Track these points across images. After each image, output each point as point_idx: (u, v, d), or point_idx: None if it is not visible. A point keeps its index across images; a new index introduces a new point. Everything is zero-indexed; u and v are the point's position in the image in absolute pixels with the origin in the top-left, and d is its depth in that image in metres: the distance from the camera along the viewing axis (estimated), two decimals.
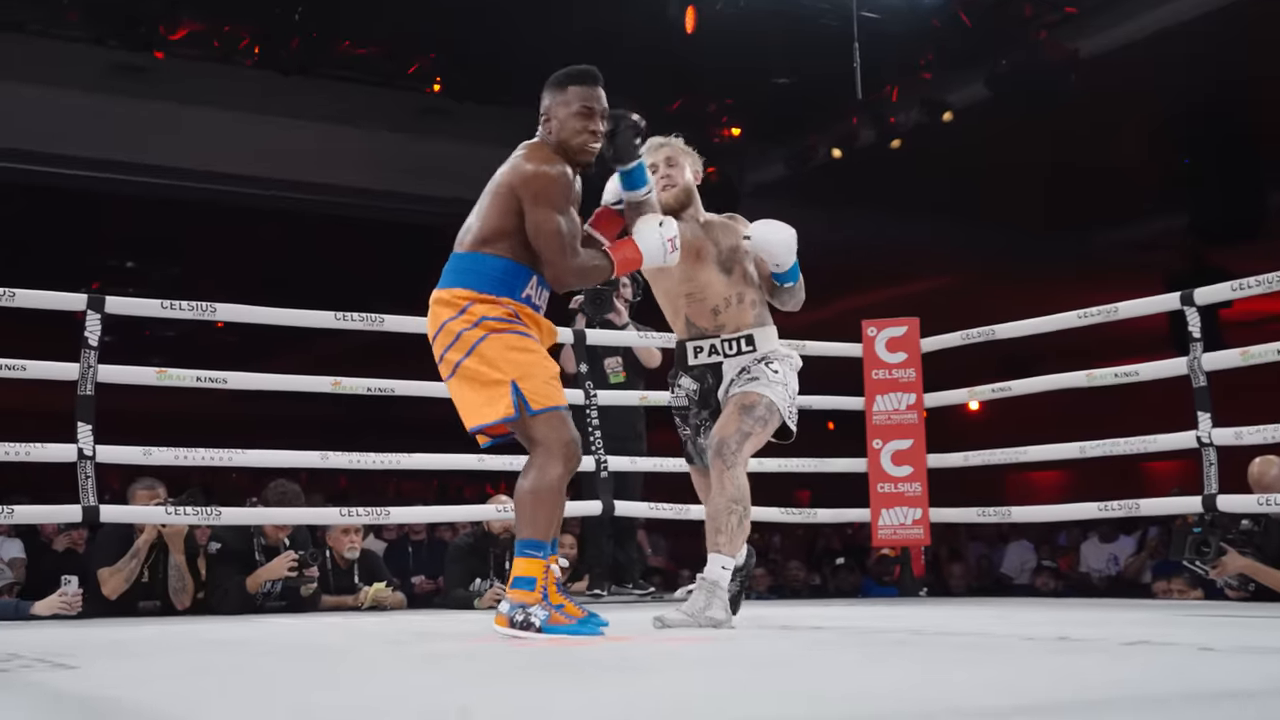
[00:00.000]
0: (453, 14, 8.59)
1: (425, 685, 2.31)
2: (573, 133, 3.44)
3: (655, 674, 2.41)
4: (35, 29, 8.33)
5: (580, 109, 3.45)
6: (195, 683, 2.40)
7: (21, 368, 5.18)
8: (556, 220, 3.30)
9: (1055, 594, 8.22)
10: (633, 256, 3.42)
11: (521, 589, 3.22)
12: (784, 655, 2.84)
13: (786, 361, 3.95)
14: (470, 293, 3.33)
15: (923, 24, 8.70)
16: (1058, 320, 5.95)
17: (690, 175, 4.04)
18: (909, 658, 2.69)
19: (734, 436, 3.82)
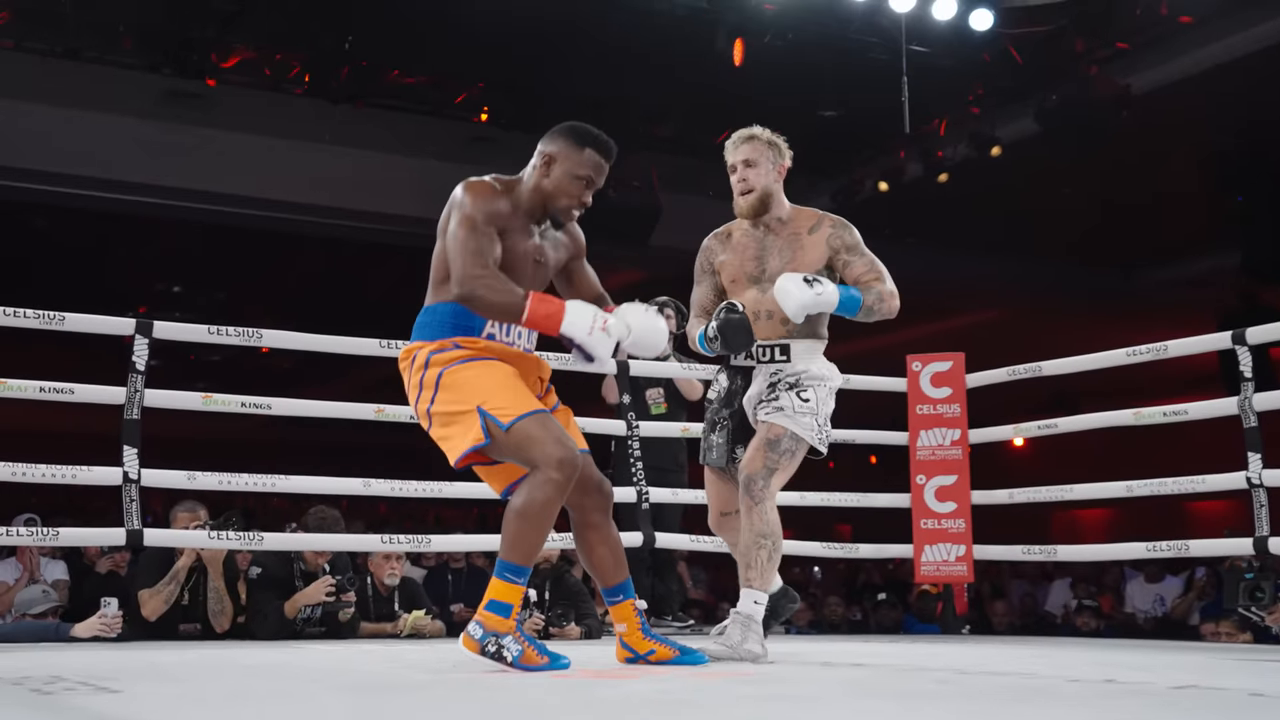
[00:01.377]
0: (500, 45, 8.67)
1: (465, 715, 2.31)
2: (564, 194, 3.36)
3: (696, 710, 2.40)
4: (91, 56, 8.49)
5: (585, 176, 3.37)
6: (236, 708, 2.41)
7: (69, 391, 5.23)
8: (465, 231, 3.22)
9: (1097, 634, 8.11)
10: (551, 313, 3.19)
11: (495, 614, 3.15)
12: (824, 694, 2.81)
13: (822, 385, 3.88)
14: (420, 344, 3.33)
15: (973, 58, 8.70)
16: (1106, 358, 5.89)
17: (772, 174, 3.94)
18: (950, 700, 2.66)
19: (761, 473, 3.81)
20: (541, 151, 3.40)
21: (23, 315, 5.10)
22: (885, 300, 3.87)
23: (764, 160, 3.92)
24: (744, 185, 3.94)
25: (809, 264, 3.89)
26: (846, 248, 3.90)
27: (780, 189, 3.98)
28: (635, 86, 9.16)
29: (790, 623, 7.83)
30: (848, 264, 3.90)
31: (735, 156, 3.96)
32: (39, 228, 10.93)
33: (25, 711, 2.36)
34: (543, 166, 3.37)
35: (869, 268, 3.90)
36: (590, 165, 3.38)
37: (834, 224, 3.94)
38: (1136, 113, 8.62)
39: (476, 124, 9.83)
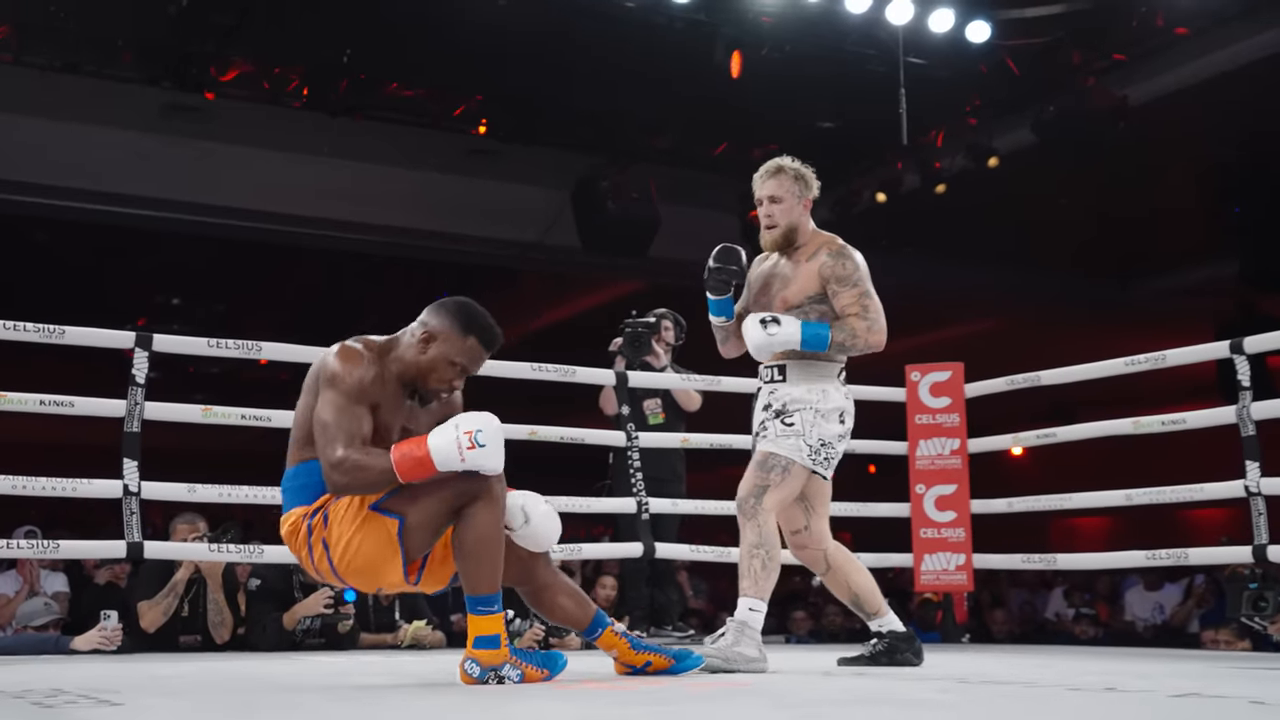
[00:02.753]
0: (499, 57, 8.69)
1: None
2: (436, 375, 3.20)
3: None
4: (90, 70, 8.48)
5: (462, 364, 3.22)
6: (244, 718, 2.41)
7: (70, 404, 5.23)
8: (326, 410, 3.07)
9: (1095, 642, 8.11)
10: (417, 455, 3.00)
11: (485, 649, 3.08)
12: (826, 704, 2.81)
13: (808, 409, 3.89)
14: (301, 509, 3.19)
15: (970, 69, 8.71)
16: (1105, 367, 5.91)
17: (797, 209, 3.96)
18: (952, 709, 2.66)
19: (751, 493, 3.89)
20: (424, 323, 3.23)
21: (23, 328, 5.11)
22: (860, 336, 3.88)
23: (789, 196, 3.96)
24: (769, 221, 3.99)
25: (798, 291, 3.94)
26: (836, 279, 3.92)
27: (806, 220, 4.01)
28: (633, 98, 9.17)
29: (790, 632, 7.84)
30: (835, 294, 3.93)
31: (762, 191, 4.00)
32: (39, 241, 10.92)
33: None
34: (422, 341, 3.20)
35: (853, 301, 3.91)
36: (469, 354, 3.22)
37: (830, 253, 3.95)
38: (1133, 124, 8.62)
39: (475, 136, 9.83)
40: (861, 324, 3.88)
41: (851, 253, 3.96)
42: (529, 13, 8.03)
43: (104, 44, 8.42)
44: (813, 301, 3.92)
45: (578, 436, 6.08)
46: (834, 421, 3.93)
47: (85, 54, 8.41)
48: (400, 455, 3.01)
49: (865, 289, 3.92)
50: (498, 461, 3.02)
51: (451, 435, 2.99)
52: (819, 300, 3.93)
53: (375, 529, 3.08)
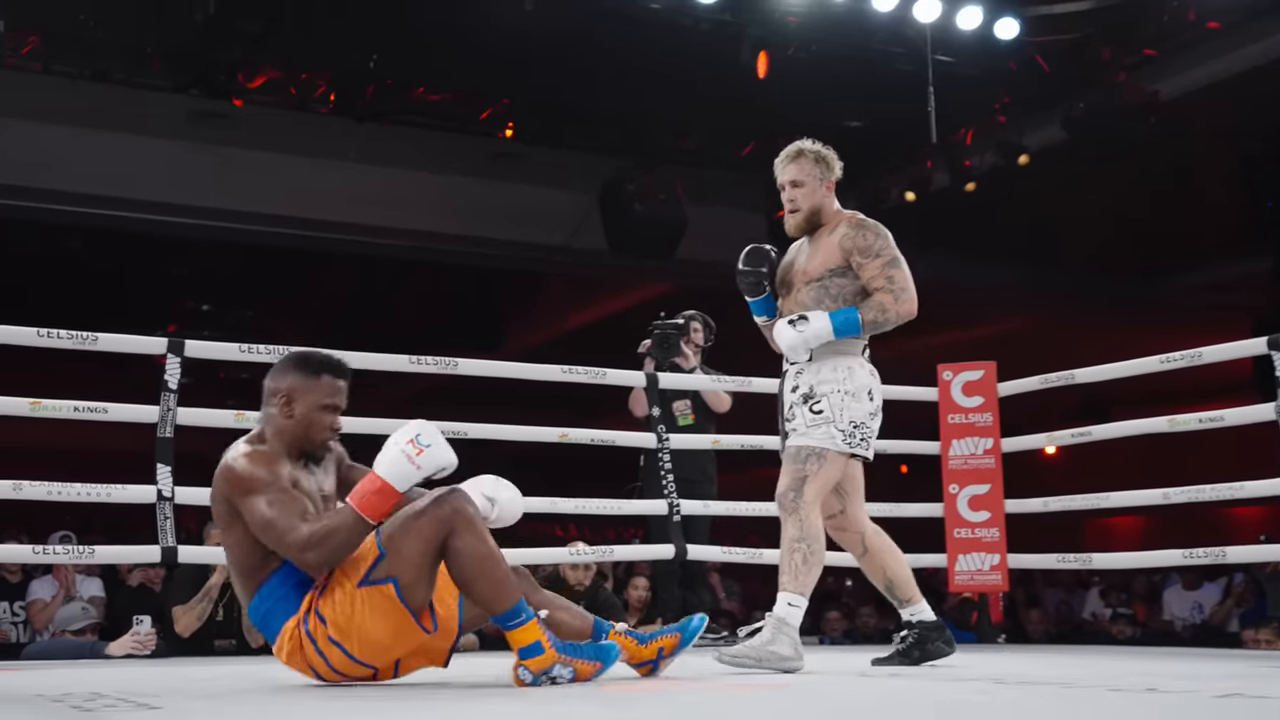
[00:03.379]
0: (525, 61, 8.71)
1: None
2: (317, 426, 3.21)
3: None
4: (119, 78, 8.55)
5: (329, 403, 3.22)
6: None
7: (103, 410, 5.26)
8: (263, 510, 3.03)
9: (1132, 642, 8.05)
10: (374, 488, 2.98)
11: (532, 657, 3.06)
12: (862, 706, 2.80)
13: (835, 392, 3.85)
14: (290, 621, 3.13)
15: (999, 67, 8.68)
16: (1139, 365, 5.86)
17: (820, 192, 3.94)
18: (990, 711, 2.64)
19: (790, 488, 3.86)
20: (274, 389, 3.22)
21: (56, 335, 5.14)
22: (889, 310, 3.83)
23: (810, 179, 3.94)
24: (792, 205, 3.98)
25: (819, 265, 3.91)
26: (859, 250, 3.87)
27: (830, 202, 4.00)
28: (659, 100, 9.17)
29: (824, 633, 7.81)
30: (860, 265, 3.87)
31: (783, 176, 3.99)
32: (70, 249, 11.01)
33: None
34: (283, 406, 3.20)
35: (878, 273, 3.86)
36: (330, 391, 3.22)
37: (851, 225, 3.91)
38: (1164, 119, 8.57)
39: (501, 139, 9.85)
40: (888, 297, 3.83)
41: (873, 224, 3.93)
42: (554, 16, 8.05)
43: (132, 52, 8.49)
44: (833, 274, 3.89)
45: (608, 438, 6.08)
46: (863, 400, 3.89)
47: (114, 62, 8.48)
48: (358, 498, 2.99)
49: (889, 258, 3.87)
50: (449, 454, 3.01)
51: (395, 452, 2.97)
52: (840, 273, 3.89)
53: (375, 601, 3.05)
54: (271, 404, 3.21)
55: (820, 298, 3.90)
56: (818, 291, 3.91)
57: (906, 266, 3.90)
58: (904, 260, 3.90)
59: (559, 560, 6.04)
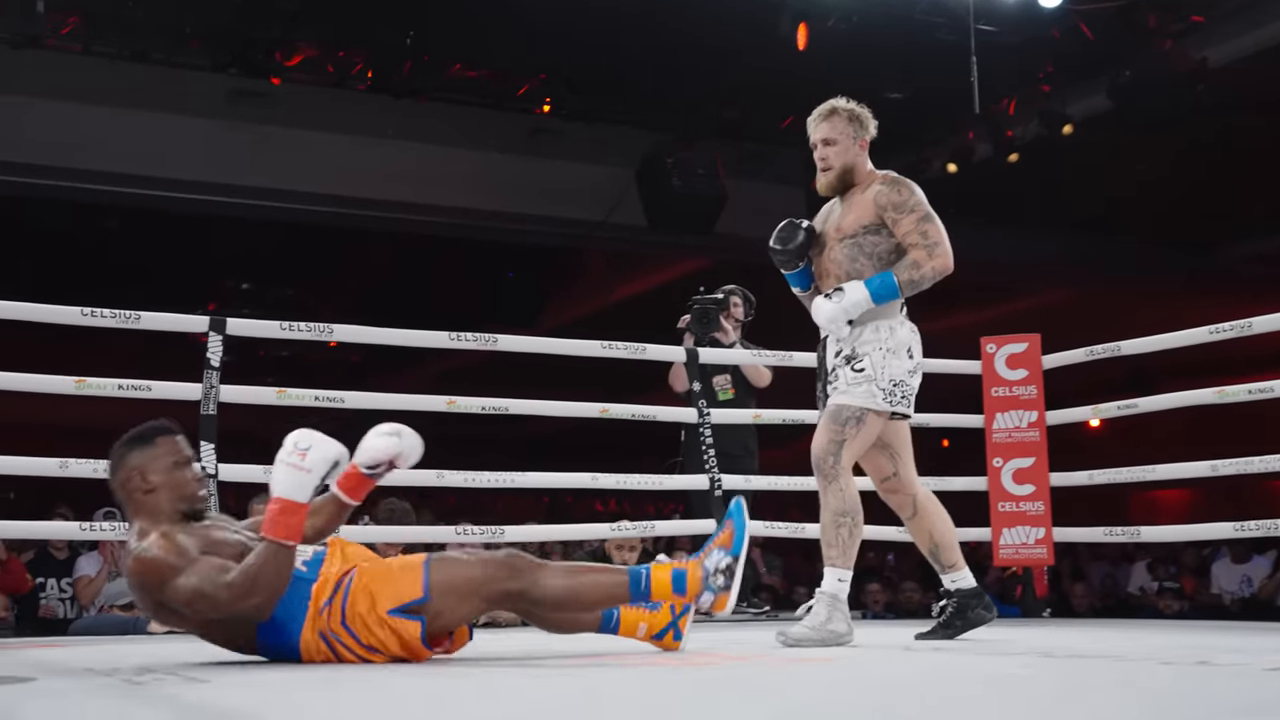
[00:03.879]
0: (562, 36, 8.68)
1: (551, 704, 2.32)
2: (178, 485, 3.17)
3: (780, 696, 2.40)
4: (159, 58, 8.61)
5: (178, 459, 3.20)
6: (321, 696, 2.44)
7: (147, 388, 5.31)
8: (186, 587, 2.97)
9: (1180, 615, 8.00)
10: (277, 508, 2.95)
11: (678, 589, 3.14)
12: (910, 679, 2.80)
13: (876, 349, 3.82)
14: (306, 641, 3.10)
15: (1042, 35, 8.57)
16: (1188, 336, 5.79)
17: (852, 150, 3.91)
18: (1038, 684, 2.63)
19: (828, 449, 3.82)
20: (124, 479, 3.18)
21: (100, 315, 5.19)
22: (924, 267, 3.79)
23: (843, 137, 3.91)
24: (823, 164, 3.96)
25: (853, 221, 3.88)
26: (893, 205, 3.84)
27: (864, 160, 3.96)
28: (698, 74, 9.13)
29: (865, 607, 7.81)
30: (895, 221, 3.84)
31: (815, 134, 3.96)
32: (109, 228, 11.11)
33: (124, 702, 2.41)
34: (142, 486, 3.15)
35: (912, 228, 3.82)
36: (173, 448, 3.21)
37: (884, 181, 3.89)
38: (1213, 86, 8.45)
39: (539, 115, 9.86)
40: (922, 254, 3.79)
41: (906, 181, 3.90)
42: None
43: (171, 31, 8.55)
44: (867, 231, 3.85)
45: (649, 413, 6.08)
46: (903, 357, 3.86)
47: (152, 42, 8.54)
48: (268, 526, 2.95)
49: (923, 213, 3.83)
50: (332, 446, 2.99)
51: (282, 467, 2.94)
52: (874, 230, 3.85)
53: (398, 626, 3.06)
54: (130, 493, 3.17)
55: (855, 255, 3.87)
56: (851, 249, 3.87)
57: (940, 222, 3.86)
58: (937, 216, 3.87)
59: (601, 535, 6.06)
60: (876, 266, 3.85)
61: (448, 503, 12.73)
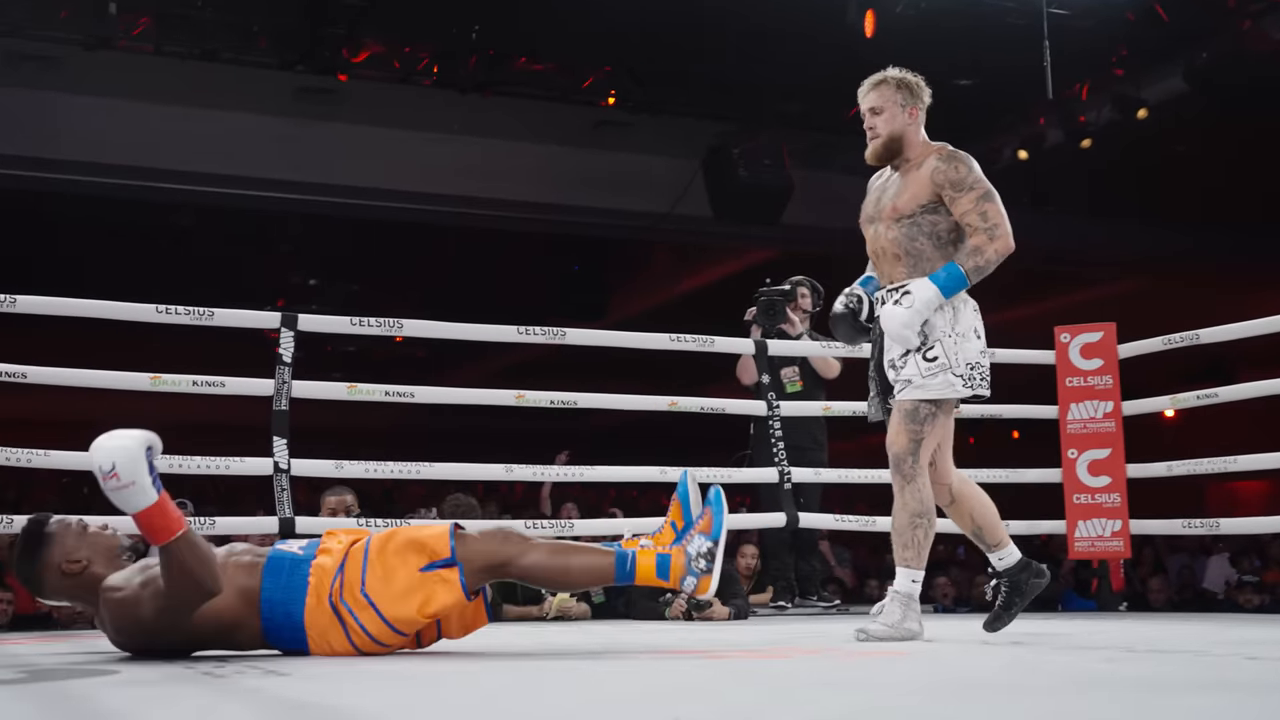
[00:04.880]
0: (626, 28, 8.68)
1: (625, 696, 2.33)
2: (100, 540, 3.22)
3: (864, 690, 2.39)
4: (228, 57, 8.73)
5: (78, 526, 3.22)
6: (399, 689, 2.47)
7: (220, 384, 5.39)
8: (150, 612, 3.05)
9: (1260, 610, 7.85)
10: (142, 521, 2.91)
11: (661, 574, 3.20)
12: (989, 676, 2.78)
13: (946, 336, 3.73)
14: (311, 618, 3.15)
15: (1115, 17, 8.44)
16: (1268, 324, 5.68)
17: (901, 118, 3.84)
18: (1121, 684, 2.60)
19: (907, 449, 3.77)
20: (57, 582, 3.18)
21: (174, 311, 5.27)
22: (985, 251, 3.70)
23: (891, 105, 3.84)
24: (871, 133, 3.88)
25: (910, 200, 3.79)
26: (951, 183, 3.74)
27: (914, 131, 3.87)
28: (763, 63, 9.09)
29: (935, 600, 7.75)
30: (953, 200, 3.75)
31: (864, 104, 3.91)
32: (180, 225, 11.29)
33: (209, 693, 2.45)
34: (75, 570, 3.16)
35: (971, 208, 3.73)
36: (64, 524, 3.22)
37: (941, 157, 3.79)
38: None
39: (604, 108, 9.87)
40: (982, 238, 3.70)
41: (964, 156, 3.80)
42: None
43: (240, 30, 8.67)
44: (924, 211, 3.77)
45: (718, 407, 6.08)
46: (971, 339, 3.78)
47: (222, 41, 8.66)
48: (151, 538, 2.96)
49: (982, 190, 3.74)
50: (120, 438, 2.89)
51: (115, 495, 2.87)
52: (932, 209, 3.77)
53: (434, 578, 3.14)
54: (72, 584, 3.18)
55: (914, 234, 3.78)
56: (910, 228, 3.79)
57: (999, 199, 3.77)
58: (996, 193, 3.78)
59: None
60: (936, 246, 3.77)
61: (515, 496, 12.82)
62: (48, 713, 2.22)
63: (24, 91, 8.81)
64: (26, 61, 8.57)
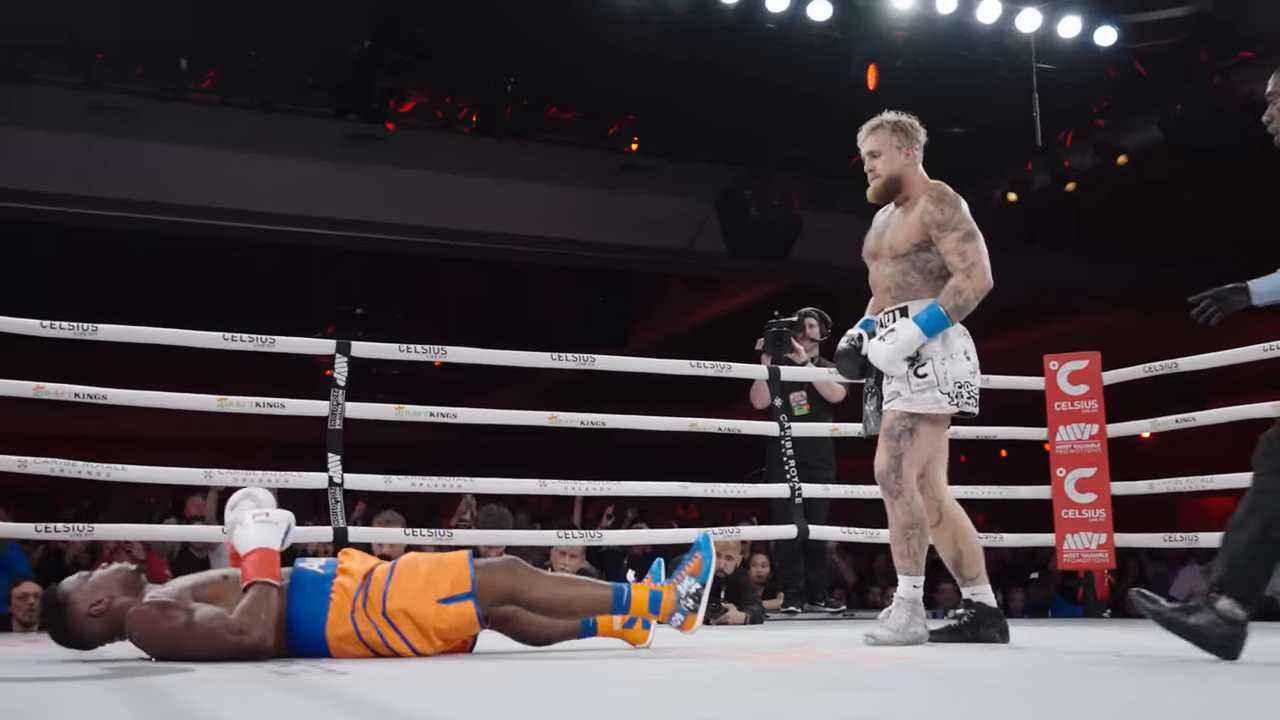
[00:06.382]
0: (649, 80, 8.76)
1: (668, 701, 2.33)
2: (115, 578, 3.21)
3: (874, 692, 2.38)
4: (286, 108, 8.83)
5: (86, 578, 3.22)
6: (462, 691, 2.47)
7: (280, 405, 5.41)
8: (184, 628, 3.04)
9: None
10: (257, 556, 3.06)
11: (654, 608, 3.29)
12: (998, 677, 2.76)
13: (936, 357, 3.70)
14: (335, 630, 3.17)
15: (1097, 72, 8.47)
16: (1243, 353, 5.68)
17: (899, 159, 3.82)
18: (1119, 680, 2.59)
19: (890, 468, 3.74)
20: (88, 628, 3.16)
21: (239, 339, 5.30)
22: (964, 292, 3.67)
23: (888, 148, 3.83)
24: (872, 174, 3.88)
25: (904, 240, 3.78)
26: (937, 224, 3.73)
27: (912, 170, 3.85)
28: (774, 112, 9.14)
29: (938, 605, 7.72)
30: (939, 239, 3.73)
31: (863, 147, 3.91)
32: (236, 259, 11.37)
33: (277, 692, 2.45)
34: (102, 611, 3.14)
35: (952, 248, 3.71)
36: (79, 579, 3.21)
37: (930, 199, 3.76)
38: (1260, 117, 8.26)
39: (627, 154, 9.95)
40: (960, 278, 3.68)
41: (952, 197, 3.77)
42: (677, 38, 8.08)
43: (297, 84, 8.78)
44: (918, 249, 3.75)
45: (734, 428, 6.07)
46: (961, 360, 3.74)
47: (281, 93, 8.78)
48: (253, 572, 3.05)
49: (964, 231, 3.72)
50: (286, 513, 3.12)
51: (255, 525, 3.05)
52: (924, 248, 3.75)
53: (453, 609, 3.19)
54: (102, 623, 3.16)
55: (907, 270, 3.77)
56: (904, 265, 3.78)
57: (981, 239, 3.74)
58: (979, 233, 3.75)
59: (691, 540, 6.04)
60: (926, 280, 3.75)
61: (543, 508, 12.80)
62: (138, 708, 2.23)
63: (103, 139, 8.91)
64: (104, 112, 8.66)
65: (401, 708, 2.14)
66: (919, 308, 3.75)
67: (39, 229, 9.79)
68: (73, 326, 5.02)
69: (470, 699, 2.30)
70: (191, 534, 6.50)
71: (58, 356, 5.56)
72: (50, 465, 4.95)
